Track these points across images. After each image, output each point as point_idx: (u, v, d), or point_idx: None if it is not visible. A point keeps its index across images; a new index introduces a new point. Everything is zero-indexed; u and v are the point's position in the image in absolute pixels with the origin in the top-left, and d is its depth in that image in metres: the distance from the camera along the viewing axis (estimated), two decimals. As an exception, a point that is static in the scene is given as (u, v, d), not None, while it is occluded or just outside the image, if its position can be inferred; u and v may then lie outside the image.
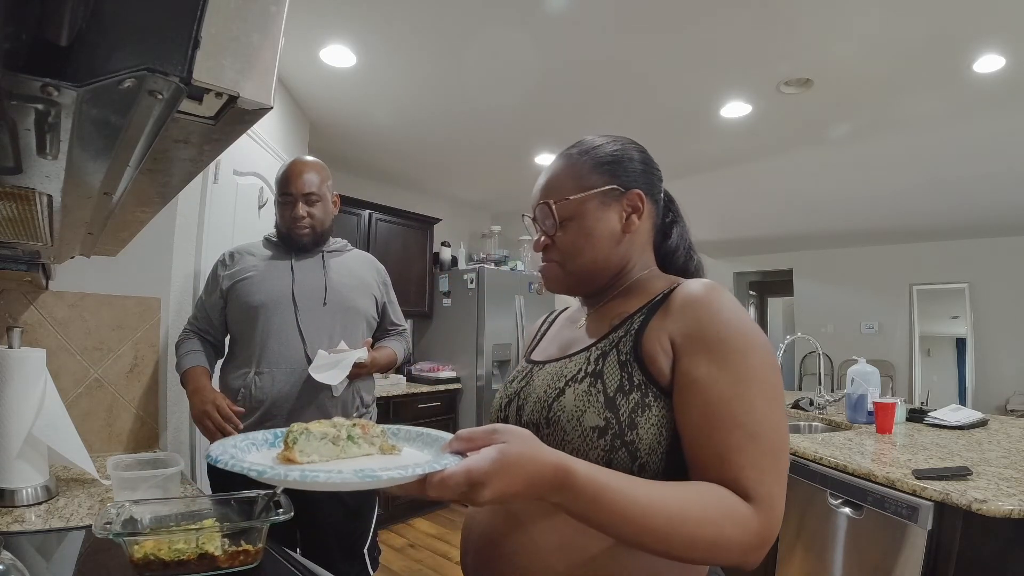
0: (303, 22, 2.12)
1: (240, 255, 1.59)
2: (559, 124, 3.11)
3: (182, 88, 0.34)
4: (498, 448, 0.51)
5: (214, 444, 0.58)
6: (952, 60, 2.26)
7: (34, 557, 0.90)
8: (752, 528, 0.58)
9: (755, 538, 0.58)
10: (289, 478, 0.49)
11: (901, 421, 2.22)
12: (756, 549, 0.59)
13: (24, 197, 0.52)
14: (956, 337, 5.86)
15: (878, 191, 4.27)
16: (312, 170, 1.57)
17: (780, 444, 0.62)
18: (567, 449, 0.67)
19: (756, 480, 0.59)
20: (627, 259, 0.79)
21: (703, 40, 2.21)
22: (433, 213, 4.41)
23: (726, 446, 0.61)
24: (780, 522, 0.60)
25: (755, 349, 0.65)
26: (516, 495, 0.51)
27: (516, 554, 0.67)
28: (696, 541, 0.56)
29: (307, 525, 1.49)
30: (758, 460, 0.60)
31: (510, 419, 0.77)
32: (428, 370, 4.01)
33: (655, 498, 0.56)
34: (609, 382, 0.68)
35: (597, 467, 0.56)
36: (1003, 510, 1.20)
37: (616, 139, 0.82)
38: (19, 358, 1.15)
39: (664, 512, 0.55)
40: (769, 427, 0.62)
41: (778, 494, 0.60)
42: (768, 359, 0.66)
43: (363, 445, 0.62)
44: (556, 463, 0.53)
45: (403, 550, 3.09)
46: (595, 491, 0.54)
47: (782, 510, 0.61)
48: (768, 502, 0.59)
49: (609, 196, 0.77)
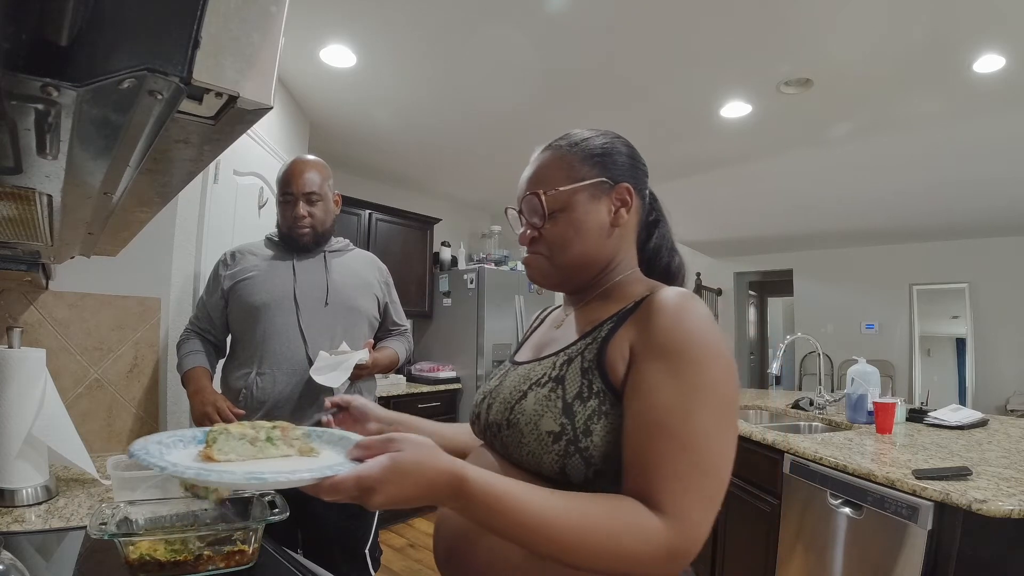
0: (303, 22, 2.12)
1: (241, 255, 1.59)
2: (559, 124, 3.09)
3: (182, 88, 0.34)
4: (390, 456, 0.54)
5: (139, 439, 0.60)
6: (952, 60, 2.26)
7: (34, 557, 0.90)
8: (657, 542, 0.56)
9: (661, 552, 0.56)
10: (186, 475, 0.55)
11: (901, 421, 2.22)
12: (665, 564, 0.57)
13: (24, 197, 0.52)
14: (956, 337, 5.87)
15: (878, 191, 4.27)
16: (313, 169, 1.56)
17: (714, 462, 0.60)
18: (524, 451, 0.68)
19: (674, 493, 0.58)
20: (614, 254, 0.78)
21: (703, 40, 2.21)
22: (433, 213, 4.41)
23: (656, 453, 0.59)
24: (699, 541, 0.58)
25: (712, 362, 0.63)
26: (410, 499, 0.53)
27: (485, 549, 0.68)
28: (595, 552, 0.55)
29: (308, 525, 1.49)
30: (684, 474, 0.58)
31: (481, 416, 0.78)
32: (428, 370, 4.02)
33: (553, 507, 0.56)
34: (569, 388, 0.68)
35: (496, 476, 0.57)
36: (1003, 510, 1.20)
37: (604, 132, 0.81)
38: (19, 358, 1.15)
39: (560, 521, 0.55)
40: (706, 443, 0.60)
41: (698, 512, 0.58)
42: (725, 375, 0.63)
43: (281, 447, 0.65)
44: (451, 471, 0.54)
45: (403, 550, 3.09)
46: (489, 499, 0.55)
47: (702, 529, 0.58)
48: (683, 518, 0.57)
49: (599, 189, 0.76)
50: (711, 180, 4.06)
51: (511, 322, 4.15)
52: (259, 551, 0.92)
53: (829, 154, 3.49)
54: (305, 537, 1.51)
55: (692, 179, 3.98)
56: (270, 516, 0.92)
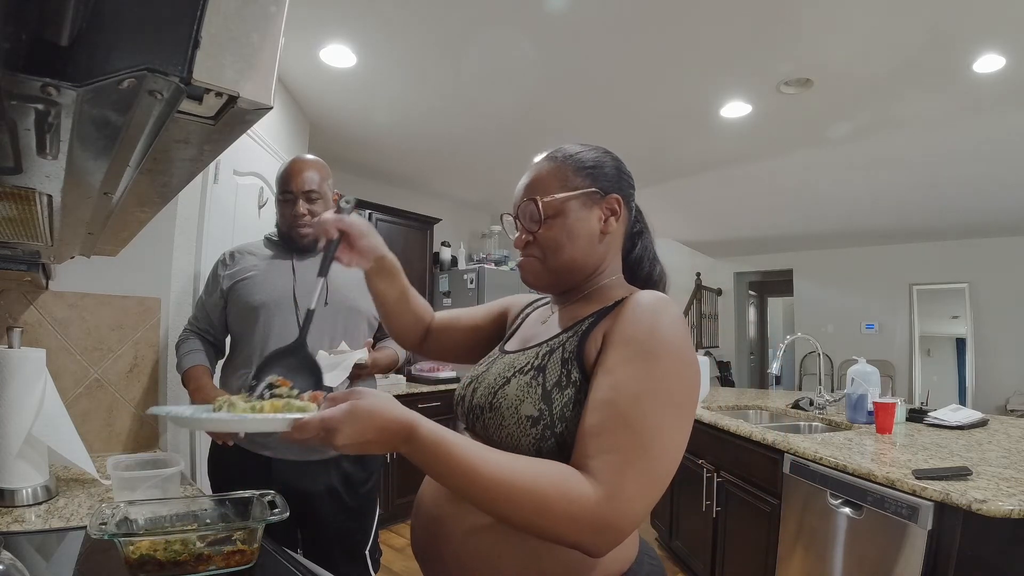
0: (303, 22, 2.12)
1: (241, 255, 1.59)
2: (559, 124, 3.11)
3: (182, 88, 0.34)
4: (351, 403, 0.61)
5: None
6: (952, 60, 2.26)
7: (34, 557, 0.90)
8: (583, 507, 0.58)
9: (587, 519, 0.58)
10: (183, 415, 0.70)
11: (901, 421, 2.22)
12: (590, 532, 0.59)
13: (24, 197, 0.52)
14: (956, 337, 5.87)
15: (878, 191, 4.28)
16: (312, 168, 1.56)
17: (657, 448, 0.63)
18: (503, 433, 0.72)
19: (610, 465, 0.60)
20: (601, 260, 0.83)
21: (703, 40, 2.21)
22: (433, 213, 4.41)
23: (600, 427, 0.63)
24: (629, 517, 0.60)
25: (672, 359, 0.67)
26: (368, 442, 0.60)
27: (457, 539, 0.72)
28: (521, 506, 0.59)
29: (308, 525, 1.49)
30: (623, 448, 0.61)
31: (465, 399, 0.83)
32: (428, 370, 4.01)
33: (489, 460, 0.61)
34: (549, 377, 0.73)
35: (445, 429, 0.63)
36: (1003, 510, 1.20)
37: (594, 148, 0.87)
38: (19, 358, 1.15)
39: (493, 473, 0.60)
40: (650, 427, 0.63)
41: (632, 489, 0.60)
42: (683, 373, 0.67)
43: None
44: (404, 418, 0.61)
45: (403, 550, 3.09)
46: (435, 447, 0.61)
47: (634, 506, 0.60)
48: (615, 490, 0.59)
49: (590, 198, 0.81)
50: (711, 180, 4.06)
51: (511, 322, 4.15)
52: (259, 551, 0.92)
53: (829, 154, 3.49)
54: (305, 537, 1.51)
55: (692, 179, 3.99)
56: (270, 516, 0.92)
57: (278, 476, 1.41)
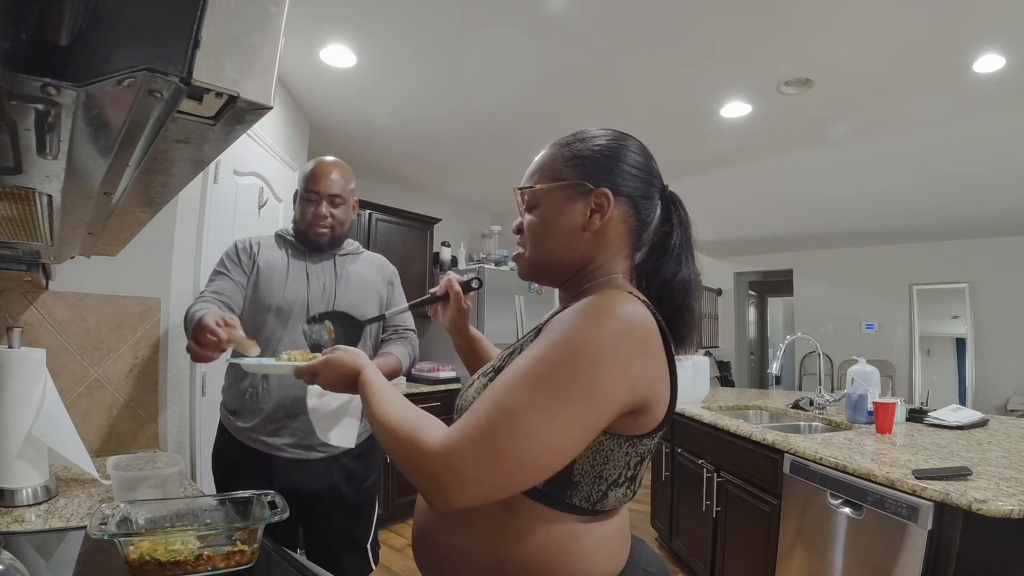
0: (303, 22, 2.12)
1: (264, 248, 1.56)
2: (559, 124, 3.09)
3: (182, 88, 0.34)
4: (327, 355, 0.86)
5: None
6: (952, 60, 2.26)
7: (34, 557, 0.90)
8: (423, 453, 0.63)
9: (421, 463, 0.63)
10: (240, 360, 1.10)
11: (901, 421, 2.22)
12: (424, 479, 0.63)
13: (24, 197, 0.52)
14: (956, 337, 5.87)
15: (878, 191, 4.27)
16: (340, 172, 1.57)
17: (510, 427, 0.60)
18: None
19: (459, 425, 0.63)
20: (588, 258, 0.77)
21: (703, 40, 2.21)
22: (433, 213, 4.40)
23: (479, 399, 0.66)
24: (456, 470, 0.60)
25: (573, 353, 0.62)
26: (335, 383, 0.84)
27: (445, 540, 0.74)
28: (390, 443, 0.67)
29: (309, 524, 1.50)
30: (478, 415, 0.63)
31: (456, 403, 0.85)
32: (428, 370, 4.01)
33: (388, 403, 0.73)
34: None
35: (382, 378, 0.79)
36: (1003, 510, 1.19)
37: (615, 137, 0.80)
38: (19, 358, 1.15)
39: (383, 414, 0.71)
40: (512, 404, 0.61)
41: (468, 448, 0.60)
42: (578, 367, 0.62)
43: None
44: (356, 366, 0.82)
45: (403, 550, 3.09)
46: (365, 388, 0.77)
47: (465, 472, 0.60)
48: (454, 449, 0.61)
49: (575, 191, 0.77)
50: (711, 180, 4.06)
51: (511, 322, 4.15)
52: (259, 551, 0.92)
53: (829, 154, 3.49)
54: (307, 533, 1.52)
55: (692, 179, 3.99)
56: (270, 516, 0.92)
57: (281, 472, 1.42)
